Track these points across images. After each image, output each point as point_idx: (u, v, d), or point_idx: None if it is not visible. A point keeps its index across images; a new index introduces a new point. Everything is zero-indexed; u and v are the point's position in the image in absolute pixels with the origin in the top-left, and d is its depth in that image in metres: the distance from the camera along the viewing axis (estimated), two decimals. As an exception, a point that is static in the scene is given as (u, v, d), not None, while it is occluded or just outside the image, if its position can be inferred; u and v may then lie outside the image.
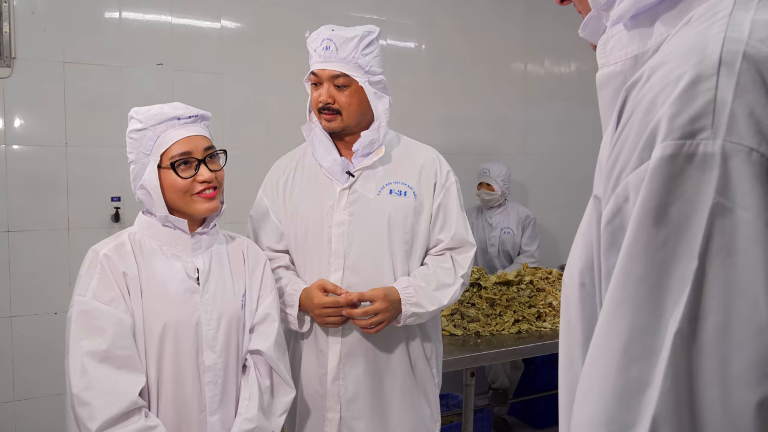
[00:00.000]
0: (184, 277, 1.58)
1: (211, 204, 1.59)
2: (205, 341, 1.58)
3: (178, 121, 1.57)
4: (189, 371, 1.55)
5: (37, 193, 2.92)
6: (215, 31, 3.26)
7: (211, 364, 1.58)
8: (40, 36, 2.87)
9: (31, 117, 2.90)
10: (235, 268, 1.70)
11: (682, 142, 0.53)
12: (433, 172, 1.96)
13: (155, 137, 1.55)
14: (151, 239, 1.59)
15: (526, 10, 4.27)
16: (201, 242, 1.63)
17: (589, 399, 0.59)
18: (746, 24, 0.57)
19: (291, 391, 1.73)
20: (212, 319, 1.59)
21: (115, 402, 1.40)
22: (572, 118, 4.44)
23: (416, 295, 1.84)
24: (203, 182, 1.57)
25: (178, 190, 1.55)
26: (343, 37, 1.80)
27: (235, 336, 1.64)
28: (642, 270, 0.55)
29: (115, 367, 1.44)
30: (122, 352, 1.46)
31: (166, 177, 1.55)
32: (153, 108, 1.56)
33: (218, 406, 1.59)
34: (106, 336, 1.44)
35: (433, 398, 2.02)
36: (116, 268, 1.50)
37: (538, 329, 2.87)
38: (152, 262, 1.56)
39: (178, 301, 1.56)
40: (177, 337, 1.54)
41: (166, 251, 1.59)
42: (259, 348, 1.67)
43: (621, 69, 0.69)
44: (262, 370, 1.69)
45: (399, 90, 2.00)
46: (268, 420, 1.65)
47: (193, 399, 1.56)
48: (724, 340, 0.51)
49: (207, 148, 1.60)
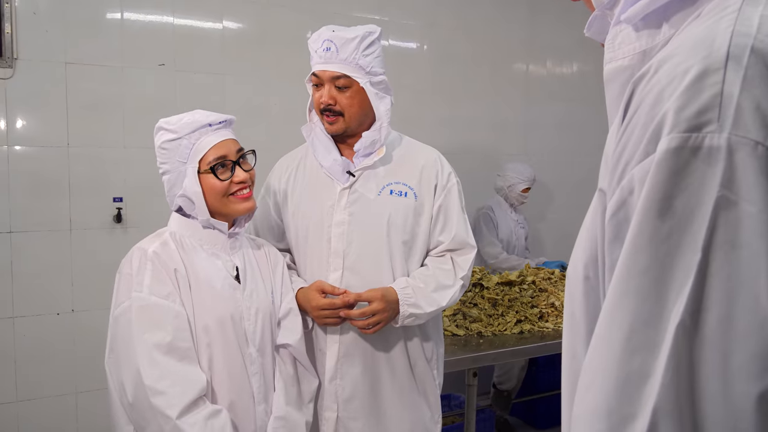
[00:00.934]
0: (226, 274, 1.66)
1: (249, 203, 1.67)
2: (248, 335, 1.65)
3: (210, 127, 1.63)
4: (238, 364, 1.62)
5: (39, 194, 2.92)
6: (217, 31, 3.26)
7: (255, 357, 1.66)
8: (41, 37, 2.87)
9: (33, 118, 2.90)
10: (262, 268, 1.79)
11: (688, 135, 0.54)
12: (435, 173, 1.96)
13: (191, 145, 1.60)
14: (191, 238, 1.65)
15: (529, 11, 4.27)
16: (237, 241, 1.72)
17: (590, 390, 0.59)
18: (755, 19, 0.57)
19: (315, 380, 1.83)
20: (252, 314, 1.67)
21: (188, 390, 1.47)
22: (574, 119, 4.44)
23: (414, 295, 1.84)
24: (239, 183, 1.64)
25: (217, 193, 1.62)
26: (343, 38, 1.80)
27: (270, 330, 1.72)
28: (646, 261, 0.55)
29: (177, 359, 1.50)
30: (183, 344, 1.52)
31: (205, 181, 1.61)
32: (183, 117, 1.62)
33: (263, 396, 1.67)
34: (168, 329, 1.50)
35: (433, 399, 2.01)
36: (166, 264, 1.56)
37: (541, 329, 2.87)
38: (195, 260, 1.62)
39: (224, 297, 1.63)
40: (225, 331, 1.60)
41: (207, 250, 1.66)
42: (288, 342, 1.75)
43: (629, 64, 0.69)
44: (287, 361, 1.77)
45: (401, 90, 2.00)
46: (300, 410, 1.75)
47: (243, 390, 1.63)
48: (726, 333, 0.51)
49: (238, 150, 1.67)
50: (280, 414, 1.68)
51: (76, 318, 3.02)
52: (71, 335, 3.01)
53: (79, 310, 3.03)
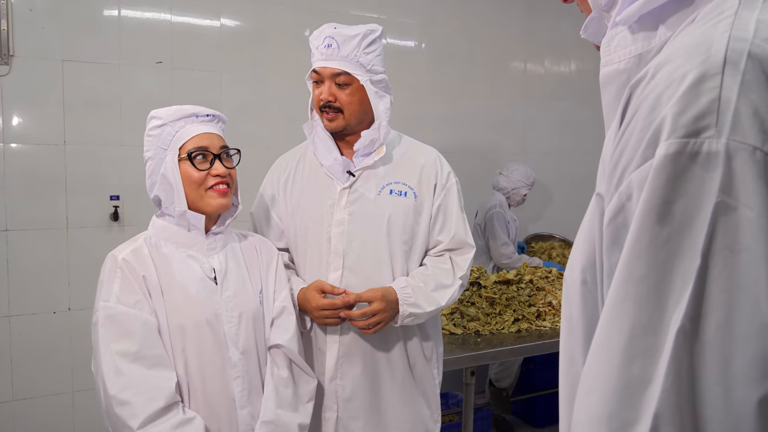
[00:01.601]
0: (202, 276, 1.62)
1: (223, 200, 1.63)
2: (228, 338, 1.62)
3: (196, 118, 1.63)
4: (216, 368, 1.60)
5: (35, 192, 2.91)
6: (215, 29, 3.25)
7: (236, 360, 1.62)
8: (38, 34, 2.86)
9: (30, 115, 2.89)
10: (250, 265, 1.75)
11: (686, 140, 0.53)
12: (434, 172, 1.96)
13: (174, 132, 1.60)
14: (167, 242, 1.63)
15: (527, 9, 4.27)
16: (216, 242, 1.68)
17: (590, 396, 0.59)
18: (751, 23, 0.57)
19: (313, 380, 1.79)
20: (233, 317, 1.64)
21: (154, 398, 1.45)
22: (572, 117, 4.44)
23: (414, 295, 1.84)
24: (217, 176, 1.62)
25: (193, 182, 1.60)
26: (345, 35, 1.80)
27: (256, 331, 1.69)
28: (645, 267, 0.55)
29: (147, 367, 1.48)
30: (152, 351, 1.50)
31: (182, 170, 1.60)
32: (173, 106, 1.62)
33: (247, 400, 1.64)
34: (135, 338, 1.48)
35: (433, 398, 2.02)
36: (135, 271, 1.54)
37: (538, 328, 2.87)
38: (170, 265, 1.60)
39: (198, 301, 1.60)
40: (199, 336, 1.58)
41: (182, 253, 1.63)
42: (279, 342, 1.71)
43: (625, 67, 0.69)
44: (280, 362, 1.73)
45: (399, 89, 2.00)
46: (295, 411, 1.70)
47: (222, 394, 1.60)
48: (726, 338, 0.51)
49: (222, 146, 1.65)
50: (268, 418, 1.65)
51: (73, 316, 3.02)
52: (68, 334, 3.01)
53: (76, 308, 3.02)
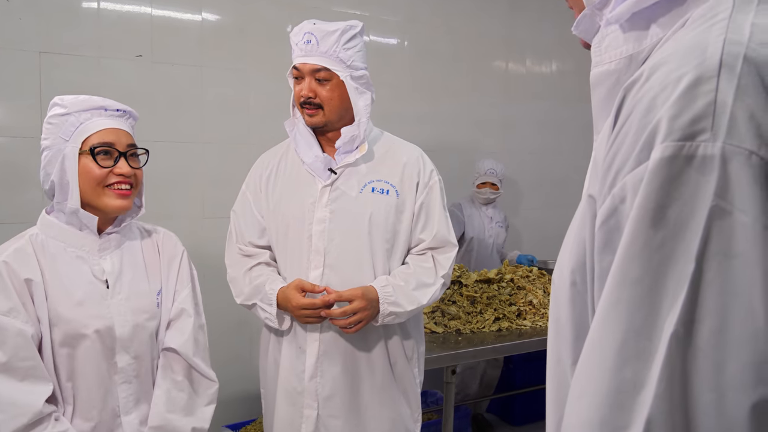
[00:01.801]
0: (91, 279, 1.52)
1: (123, 202, 1.53)
2: (119, 343, 1.53)
3: (105, 111, 1.53)
4: (101, 374, 1.51)
5: (10, 185, 2.85)
6: (196, 23, 3.21)
7: (124, 365, 1.54)
8: (15, 24, 2.80)
9: (5, 107, 2.84)
10: (150, 265, 1.66)
11: (681, 144, 0.53)
12: (417, 170, 1.95)
13: (78, 123, 1.50)
14: (55, 240, 1.52)
15: (509, 7, 4.28)
16: (110, 242, 1.58)
17: (582, 399, 0.59)
18: (746, 27, 0.57)
19: (213, 384, 1.69)
20: (126, 320, 1.54)
21: (18, 415, 1.36)
22: (553, 117, 4.46)
23: (395, 294, 1.83)
24: (120, 175, 1.52)
25: (92, 179, 1.49)
26: (324, 30, 1.79)
27: (151, 335, 1.61)
28: (639, 271, 0.55)
29: (17, 379, 1.39)
30: (24, 363, 1.40)
31: (82, 165, 1.49)
32: (81, 96, 1.52)
33: (134, 405, 1.57)
34: (6, 349, 1.39)
35: (413, 398, 2.01)
36: (16, 274, 1.43)
37: (519, 327, 2.88)
38: (56, 265, 1.50)
39: (86, 304, 1.50)
40: (86, 341, 1.49)
41: (70, 253, 1.52)
42: (171, 345, 1.63)
43: (615, 68, 0.69)
44: (176, 367, 1.64)
45: (381, 86, 1.99)
46: (189, 416, 1.62)
47: (106, 401, 1.53)
48: (719, 343, 0.51)
49: (130, 144, 1.56)
50: (156, 423, 1.56)
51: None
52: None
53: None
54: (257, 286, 1.90)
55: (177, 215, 3.09)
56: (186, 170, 3.18)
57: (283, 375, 1.94)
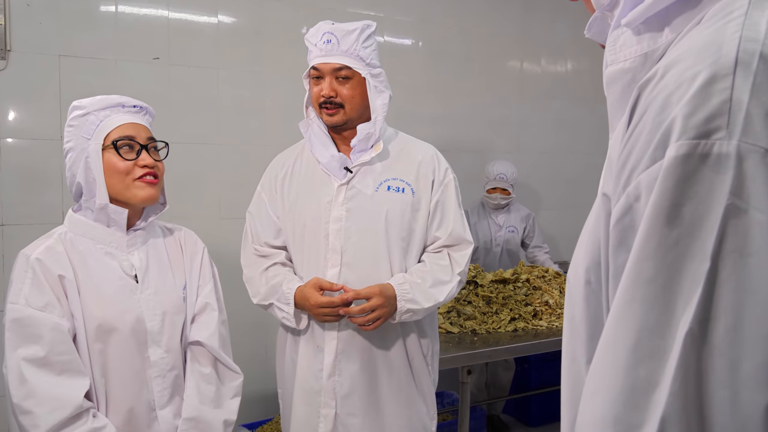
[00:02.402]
0: (121, 275, 1.55)
1: (152, 190, 1.56)
2: (150, 337, 1.56)
3: (122, 108, 1.57)
4: (135, 368, 1.54)
5: (31, 187, 2.89)
6: (212, 25, 3.24)
7: (157, 359, 1.57)
8: (35, 29, 2.84)
9: (26, 110, 2.88)
10: (174, 261, 1.69)
11: (696, 142, 0.53)
12: (432, 169, 1.96)
13: (98, 121, 1.53)
14: (83, 237, 1.55)
15: (523, 7, 4.27)
16: (136, 238, 1.60)
17: (596, 397, 0.59)
18: (762, 24, 0.57)
19: (238, 376, 1.72)
20: (156, 315, 1.58)
21: (58, 408, 1.38)
22: (568, 116, 4.44)
23: (412, 291, 1.84)
24: (144, 167, 1.55)
25: (118, 173, 1.52)
26: (343, 30, 1.81)
27: (180, 329, 1.64)
28: (653, 269, 0.54)
29: (55, 373, 1.40)
30: (62, 357, 1.42)
31: (106, 160, 1.52)
32: (98, 96, 1.56)
33: (168, 399, 1.59)
34: (43, 343, 1.40)
35: (429, 395, 2.02)
36: (50, 271, 1.46)
37: (534, 327, 2.87)
38: (87, 262, 1.52)
39: (117, 299, 1.52)
40: (118, 335, 1.51)
41: (99, 249, 1.55)
42: (198, 339, 1.65)
43: (630, 66, 0.68)
44: (202, 359, 1.67)
45: (395, 87, 1.99)
46: (218, 408, 1.64)
47: (141, 395, 1.55)
48: (734, 342, 0.51)
49: (149, 138, 1.59)
50: (190, 415, 1.59)
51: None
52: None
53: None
54: (274, 285, 1.91)
55: (194, 216, 3.12)
56: (203, 171, 3.21)
57: (300, 374, 1.95)
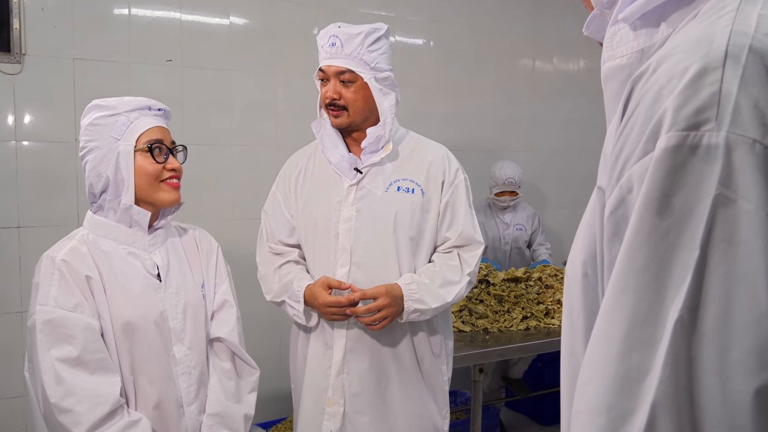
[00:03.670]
0: (145, 274, 1.58)
1: (177, 194, 1.62)
2: (174, 334, 1.59)
3: (149, 110, 1.61)
4: (162, 366, 1.57)
5: (46, 190, 2.93)
6: (224, 27, 3.27)
7: (182, 356, 1.60)
8: (50, 32, 2.88)
9: (41, 113, 2.92)
10: (191, 260, 1.73)
11: (686, 134, 0.54)
12: (442, 169, 1.97)
13: (128, 122, 1.56)
14: (106, 238, 1.57)
15: (534, 6, 4.26)
16: (157, 237, 1.64)
17: (590, 386, 0.59)
18: (753, 18, 0.58)
19: (255, 371, 1.76)
20: (178, 312, 1.61)
21: (98, 405, 1.41)
22: (580, 115, 4.43)
23: (419, 291, 1.85)
24: (171, 170, 1.60)
25: (148, 175, 1.56)
26: (348, 33, 1.82)
27: (202, 326, 1.67)
28: (644, 259, 0.55)
29: (89, 372, 1.44)
30: (94, 356, 1.45)
31: (138, 161, 1.56)
32: (124, 98, 1.60)
33: (195, 395, 1.62)
34: (76, 343, 1.43)
35: (441, 394, 2.02)
36: (76, 272, 1.48)
37: (547, 326, 2.87)
38: (111, 263, 1.55)
39: (143, 298, 1.56)
40: (145, 334, 1.54)
41: (122, 250, 1.58)
42: (219, 335, 1.69)
43: (627, 62, 0.69)
44: (222, 354, 1.71)
45: (406, 86, 2.01)
46: (239, 403, 1.69)
47: (168, 392, 1.58)
48: (723, 329, 0.52)
49: (172, 141, 1.64)
50: (215, 410, 1.63)
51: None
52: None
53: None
54: (286, 283, 1.94)
55: (207, 217, 3.14)
56: (216, 173, 3.23)
57: (309, 371, 1.97)
